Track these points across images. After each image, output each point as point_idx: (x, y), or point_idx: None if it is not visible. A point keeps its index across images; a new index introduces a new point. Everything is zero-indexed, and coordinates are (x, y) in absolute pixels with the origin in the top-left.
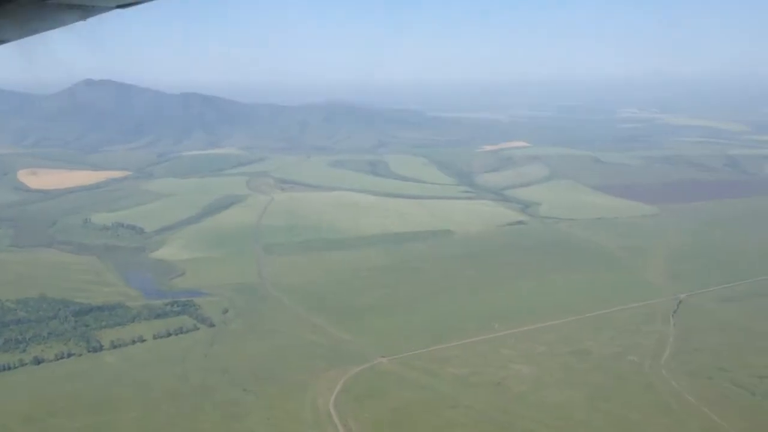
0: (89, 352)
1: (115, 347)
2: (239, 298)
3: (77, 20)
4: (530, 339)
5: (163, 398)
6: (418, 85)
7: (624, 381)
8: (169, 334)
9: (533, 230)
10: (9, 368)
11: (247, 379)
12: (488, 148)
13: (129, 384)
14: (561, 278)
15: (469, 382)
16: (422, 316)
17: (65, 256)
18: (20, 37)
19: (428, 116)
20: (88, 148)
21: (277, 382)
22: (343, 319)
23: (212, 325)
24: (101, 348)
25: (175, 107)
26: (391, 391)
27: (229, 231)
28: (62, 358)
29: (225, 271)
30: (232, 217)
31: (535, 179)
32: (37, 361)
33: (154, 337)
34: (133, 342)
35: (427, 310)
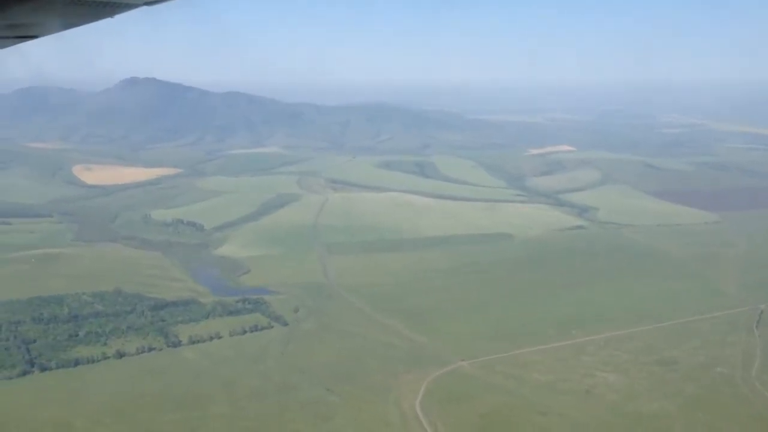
0: (168, 347)
1: (193, 343)
2: (308, 297)
3: (106, 16)
4: (612, 346)
5: (248, 396)
6: (453, 87)
7: (716, 392)
8: (245, 332)
9: (594, 235)
10: (93, 361)
11: (328, 379)
12: (534, 151)
13: (212, 381)
14: (632, 285)
15: (556, 389)
16: (495, 319)
17: (131, 251)
18: (49, 32)
19: (467, 119)
20: (135, 145)
21: (359, 384)
22: (415, 320)
23: (285, 324)
24: (180, 343)
25: (219, 106)
26: (476, 396)
27: (288, 229)
28: (143, 352)
29: (289, 270)
30: (289, 216)
31: (587, 184)
32: (120, 355)
33: (230, 334)
34: (211, 338)
35: (498, 313)
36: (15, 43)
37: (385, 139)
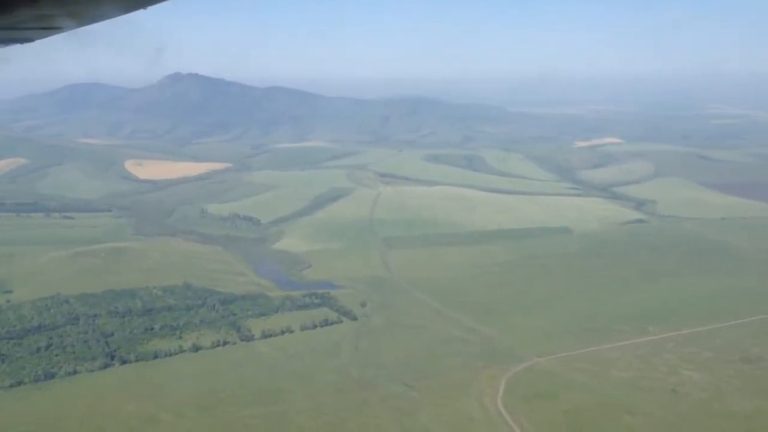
0: (242, 341)
1: (265, 337)
2: (373, 292)
3: (138, 8)
4: (692, 343)
5: (327, 391)
6: (492, 80)
7: None
8: (315, 326)
9: (656, 229)
10: (170, 354)
11: (406, 374)
12: (581, 144)
13: (289, 375)
14: (703, 280)
15: (640, 387)
16: (566, 315)
17: (191, 245)
18: (79, 25)
19: (510, 111)
20: (181, 140)
21: (438, 379)
22: (484, 315)
23: (355, 319)
24: (252, 337)
25: (261, 101)
26: (559, 393)
27: (344, 223)
28: (218, 346)
29: (350, 264)
30: (343, 210)
31: (641, 176)
32: (196, 348)
33: (301, 329)
34: (282, 333)
35: (568, 309)
36: (49, 35)
37: (427, 132)
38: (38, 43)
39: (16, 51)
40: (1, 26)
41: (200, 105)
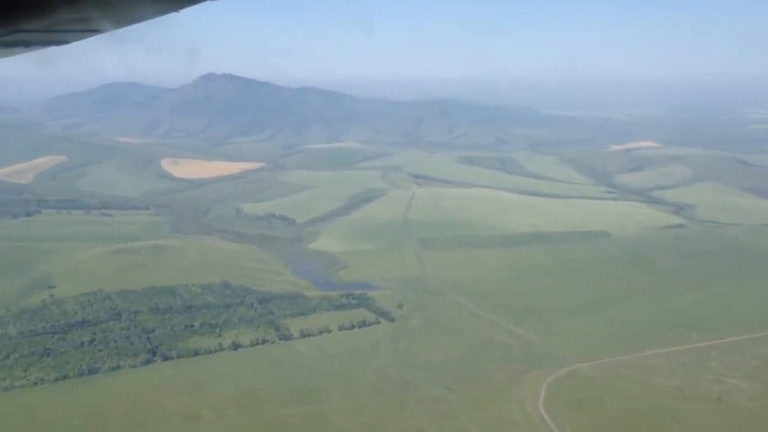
0: (280, 339)
1: (304, 336)
2: (410, 293)
3: (172, 11)
4: (736, 351)
5: (366, 392)
6: (522, 82)
7: None
8: (353, 327)
9: (696, 234)
10: (210, 352)
11: (445, 377)
12: (616, 147)
13: (328, 375)
14: (747, 287)
15: (685, 395)
16: (607, 320)
17: (227, 244)
18: (115, 27)
19: (542, 114)
20: (215, 139)
21: (477, 382)
22: (523, 319)
23: (392, 320)
24: (291, 337)
25: (294, 101)
26: (602, 400)
27: (379, 224)
28: (257, 344)
29: (386, 265)
30: (377, 211)
31: (679, 181)
32: (235, 346)
33: (339, 329)
34: (320, 332)
35: (609, 314)
36: (84, 37)
37: (460, 134)
38: (74, 45)
39: (53, 52)
40: (37, 29)
41: (234, 105)
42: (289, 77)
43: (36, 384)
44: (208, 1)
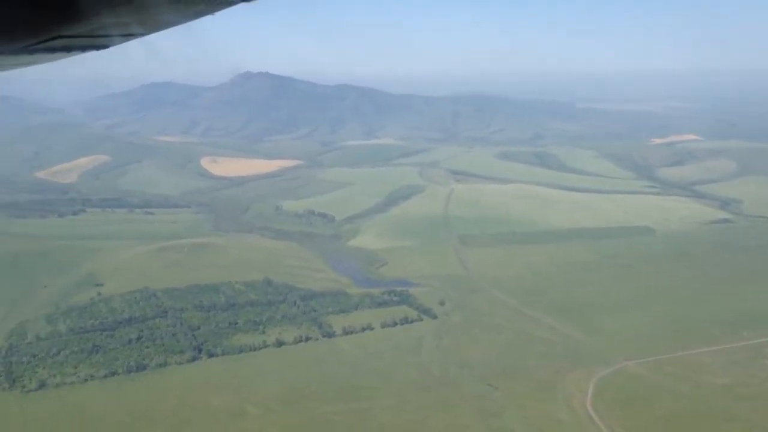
0: (323, 337)
1: (346, 334)
2: (451, 290)
3: (206, 14)
4: None
5: (410, 389)
6: (557, 76)
7: None
8: (395, 324)
9: (744, 229)
10: (254, 349)
11: (489, 374)
12: (657, 141)
13: (371, 372)
14: None
15: (737, 394)
16: (653, 317)
17: (268, 241)
18: (151, 31)
19: (578, 107)
20: (253, 137)
21: (522, 380)
22: (567, 315)
23: (434, 317)
24: (334, 334)
25: (330, 98)
26: (651, 398)
27: (418, 221)
28: (300, 341)
29: (427, 262)
30: (416, 207)
31: (724, 174)
32: (279, 344)
33: (382, 326)
34: (363, 330)
35: (655, 311)
36: (122, 42)
37: (497, 129)
38: (113, 48)
39: (94, 55)
40: (77, 34)
41: (270, 103)
42: (325, 75)
43: (86, 380)
44: (242, 3)
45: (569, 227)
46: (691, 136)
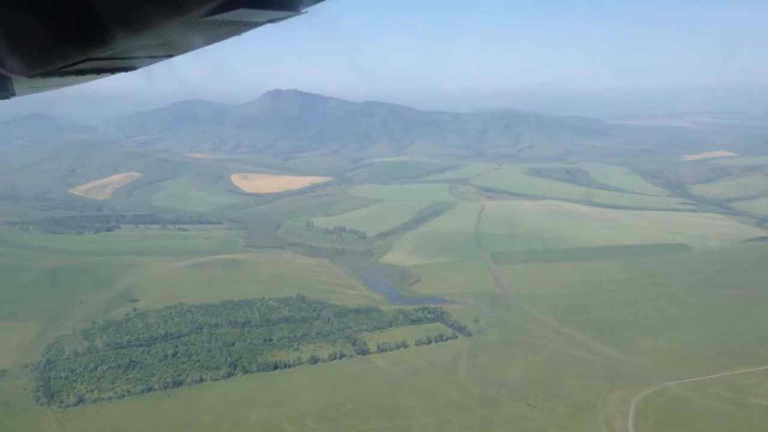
0: (358, 354)
1: (381, 351)
2: (485, 307)
3: (233, 35)
4: None
5: (448, 408)
6: (584, 92)
7: None
8: (430, 341)
9: None
10: (289, 365)
11: (528, 393)
12: (690, 157)
13: (408, 390)
14: None
15: None
16: (693, 337)
17: (301, 257)
18: (178, 53)
19: (608, 124)
20: (282, 154)
21: (561, 400)
22: (605, 334)
23: (469, 335)
24: (368, 351)
25: (358, 115)
26: (695, 420)
27: (449, 238)
28: (335, 358)
29: (460, 279)
30: (447, 224)
31: (760, 191)
32: (314, 360)
33: (416, 343)
34: (398, 347)
35: (695, 330)
36: (150, 63)
37: (525, 146)
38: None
39: (124, 75)
40: (106, 57)
41: (299, 120)
42: (353, 92)
43: (123, 396)
44: (268, 24)
45: (603, 244)
46: (725, 152)
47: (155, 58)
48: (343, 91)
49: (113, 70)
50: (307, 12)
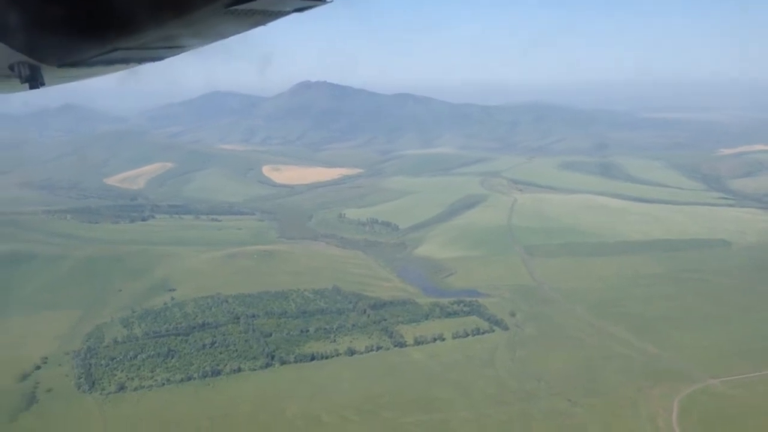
0: (395, 346)
1: (418, 344)
2: (521, 301)
3: (258, 25)
4: None
5: (487, 402)
6: (616, 85)
7: None
8: (467, 335)
9: None
10: (326, 357)
11: (567, 389)
12: (726, 151)
13: (446, 383)
14: None
15: None
16: (736, 333)
17: (334, 249)
18: (204, 44)
19: (639, 117)
20: (312, 146)
21: (602, 396)
22: (643, 330)
23: (506, 328)
24: (405, 344)
25: (388, 107)
26: (742, 419)
27: (483, 231)
28: (372, 350)
29: (494, 272)
30: (480, 217)
31: None
32: (351, 352)
33: (453, 336)
34: (434, 340)
35: (738, 327)
36: (177, 53)
37: (556, 139)
38: (168, 60)
39: (152, 66)
40: (134, 47)
41: (329, 112)
42: (383, 84)
43: (163, 384)
44: (294, 13)
45: (640, 239)
46: (762, 146)
47: (182, 48)
48: (372, 82)
49: (140, 60)
50: (332, 1)
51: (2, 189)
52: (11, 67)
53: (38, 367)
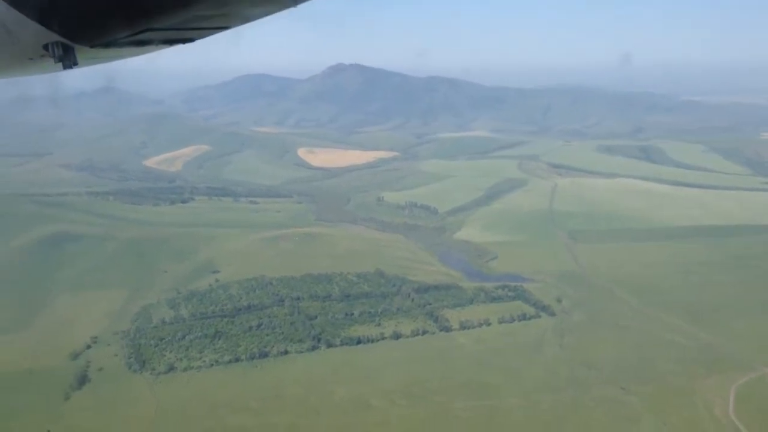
0: (440, 331)
1: (464, 329)
2: (566, 287)
3: (289, 6)
4: None
5: (537, 388)
6: (654, 67)
7: None
8: (513, 320)
9: None
10: (372, 340)
11: (619, 376)
12: None
13: (494, 369)
14: None
15: None
16: None
17: (374, 232)
18: (237, 25)
19: (679, 100)
20: (345, 128)
21: (655, 384)
22: (694, 317)
23: (552, 314)
24: (450, 328)
25: (421, 90)
26: None
27: (524, 215)
28: (417, 335)
29: (537, 257)
30: (520, 201)
31: None
32: (396, 336)
33: (499, 322)
34: (480, 325)
35: None
36: (208, 35)
37: (593, 122)
38: (201, 42)
39: (188, 47)
40: (163, 28)
41: (362, 94)
42: (416, 67)
43: (212, 365)
44: None
45: (686, 224)
46: None
47: (213, 29)
48: (405, 66)
49: (172, 42)
50: None
51: (46, 170)
52: (46, 47)
53: (89, 347)
